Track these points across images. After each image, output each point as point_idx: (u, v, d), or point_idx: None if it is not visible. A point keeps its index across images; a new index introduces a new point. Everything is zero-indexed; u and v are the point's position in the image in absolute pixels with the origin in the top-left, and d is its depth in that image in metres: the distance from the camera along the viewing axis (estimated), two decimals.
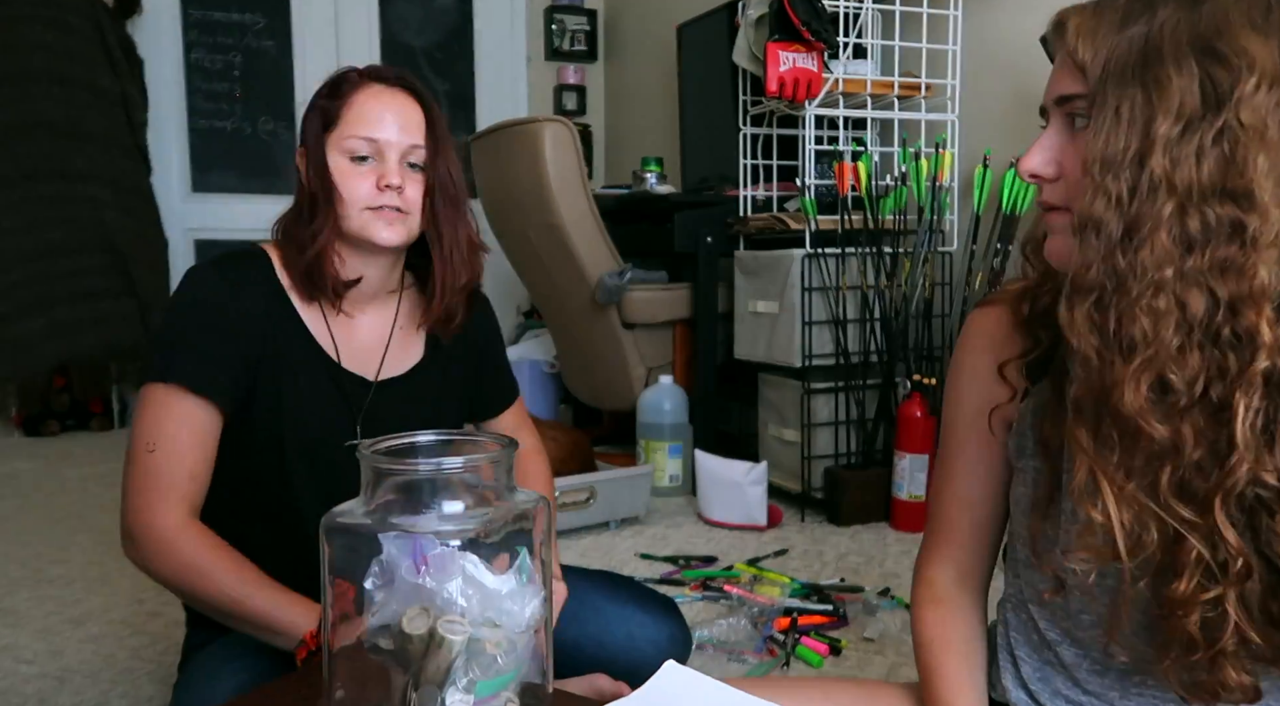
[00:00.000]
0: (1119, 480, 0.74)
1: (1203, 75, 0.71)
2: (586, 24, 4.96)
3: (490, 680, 0.70)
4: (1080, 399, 0.75)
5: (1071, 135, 0.79)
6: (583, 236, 2.95)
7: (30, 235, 3.56)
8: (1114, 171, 0.73)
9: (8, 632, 1.95)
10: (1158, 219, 0.71)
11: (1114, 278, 0.73)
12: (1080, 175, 0.77)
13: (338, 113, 1.23)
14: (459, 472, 0.68)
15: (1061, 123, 0.80)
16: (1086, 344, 0.74)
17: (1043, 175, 0.80)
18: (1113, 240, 0.73)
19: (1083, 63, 0.76)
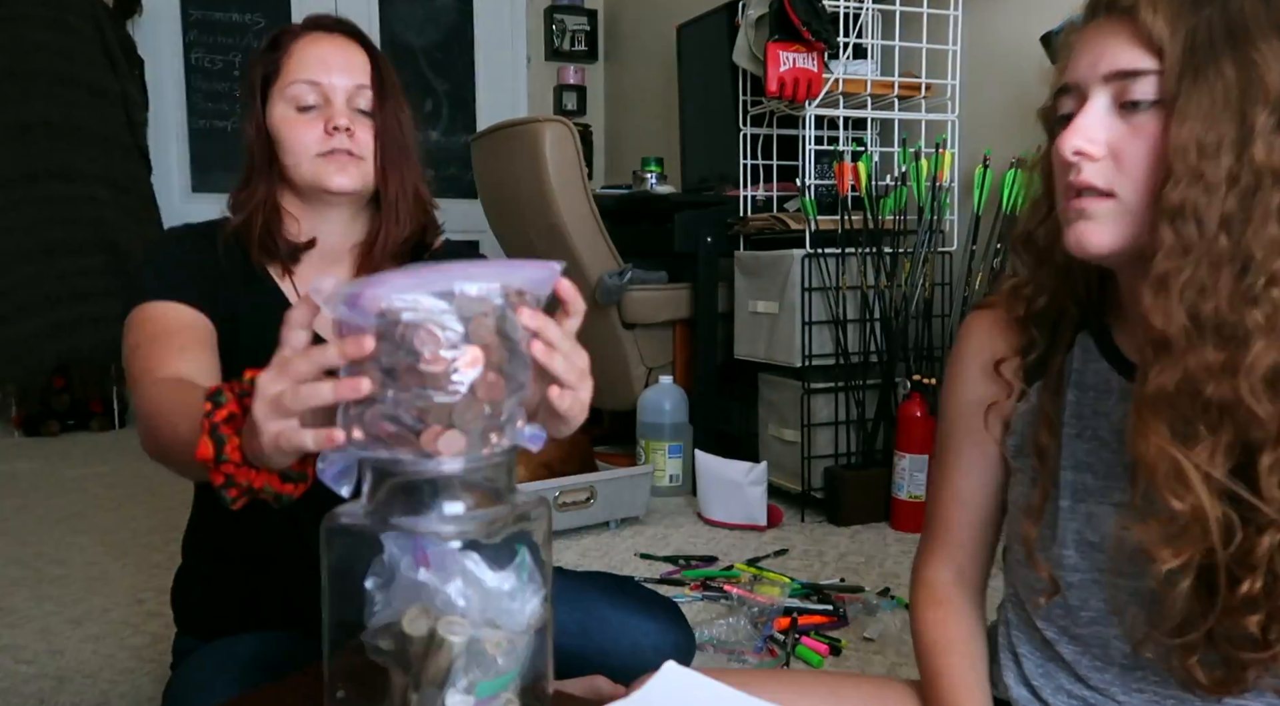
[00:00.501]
0: (1206, 468, 0.72)
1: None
2: (586, 24, 4.97)
3: (491, 681, 0.69)
4: (1163, 386, 0.73)
5: (1124, 114, 0.76)
6: (583, 236, 2.95)
7: (30, 235, 3.57)
8: (1211, 157, 0.71)
9: (8, 632, 1.95)
10: (1265, 208, 0.71)
11: (1214, 266, 0.71)
12: (1146, 157, 0.75)
13: (279, 64, 1.19)
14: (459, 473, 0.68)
15: (1109, 100, 0.77)
16: (1178, 330, 0.72)
17: (1093, 155, 0.77)
18: (1211, 228, 0.71)
19: (1159, 37, 0.73)
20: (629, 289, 2.97)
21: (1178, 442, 0.73)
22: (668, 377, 3.01)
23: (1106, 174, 0.77)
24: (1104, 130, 0.77)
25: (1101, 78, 0.77)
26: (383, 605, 0.69)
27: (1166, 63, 0.73)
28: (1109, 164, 0.77)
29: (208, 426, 0.76)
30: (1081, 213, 0.79)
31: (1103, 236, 0.78)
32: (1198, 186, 0.71)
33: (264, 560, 1.25)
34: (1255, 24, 0.72)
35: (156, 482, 2.92)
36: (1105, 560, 0.86)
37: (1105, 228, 0.78)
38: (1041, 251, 0.89)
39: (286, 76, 1.18)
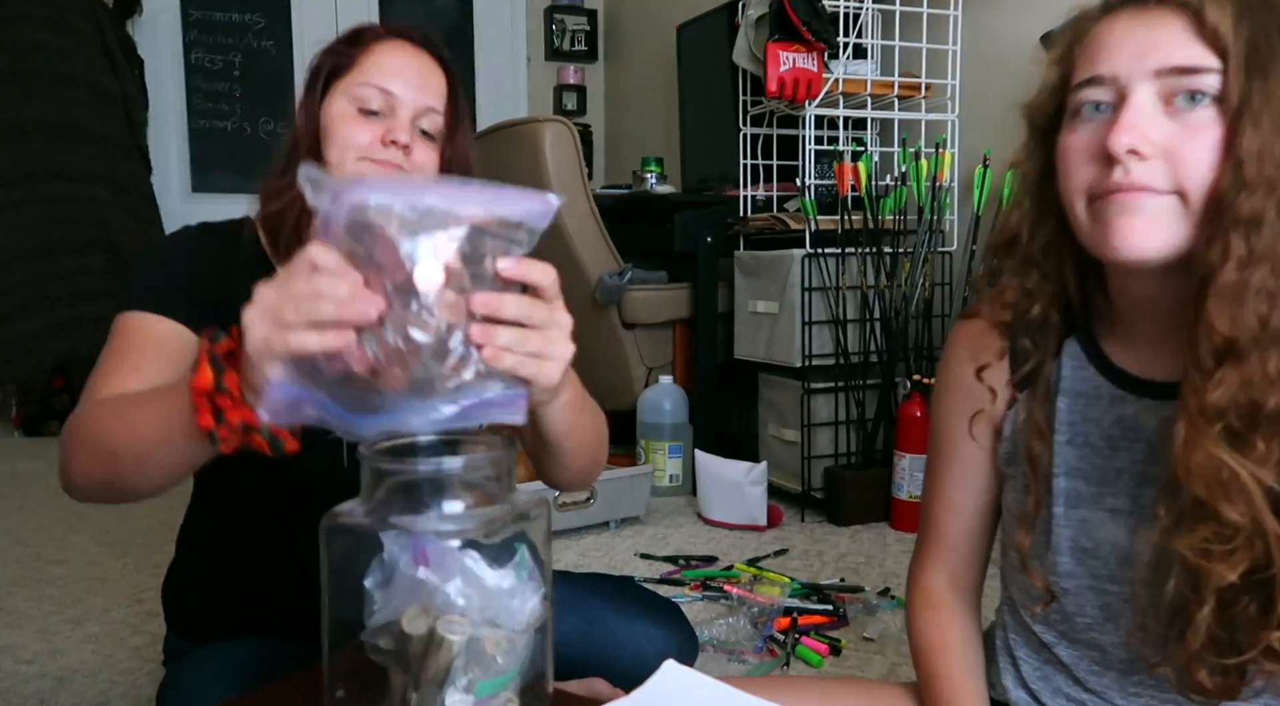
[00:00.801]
0: (1267, 480, 0.71)
1: None
2: (586, 24, 4.97)
3: (490, 679, 0.69)
4: (1220, 395, 0.71)
5: (1172, 112, 0.73)
6: (583, 236, 2.95)
7: (30, 235, 3.57)
8: (1277, 164, 0.69)
9: (8, 632, 1.95)
10: None
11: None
12: (1208, 157, 0.71)
13: (353, 60, 1.11)
14: (459, 472, 0.68)
15: (1157, 95, 0.73)
16: (1246, 339, 0.70)
17: (1146, 155, 0.72)
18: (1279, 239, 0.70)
19: (1224, 34, 0.70)
20: (629, 289, 2.97)
21: (1235, 452, 0.71)
22: (668, 377, 3.01)
23: (1163, 176, 0.73)
24: (1156, 128, 0.73)
25: (1151, 72, 0.72)
26: (382, 604, 0.69)
27: (1231, 62, 0.70)
28: (1161, 165, 0.73)
29: (207, 356, 0.72)
30: (1132, 208, 0.73)
31: (1157, 235, 0.74)
32: (1272, 197, 0.70)
33: (260, 560, 1.24)
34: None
35: None
36: (1100, 566, 0.86)
37: (1161, 226, 0.73)
38: (1028, 255, 0.85)
39: (358, 75, 1.10)
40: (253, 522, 1.23)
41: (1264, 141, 0.69)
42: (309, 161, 0.65)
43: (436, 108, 1.11)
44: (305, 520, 1.04)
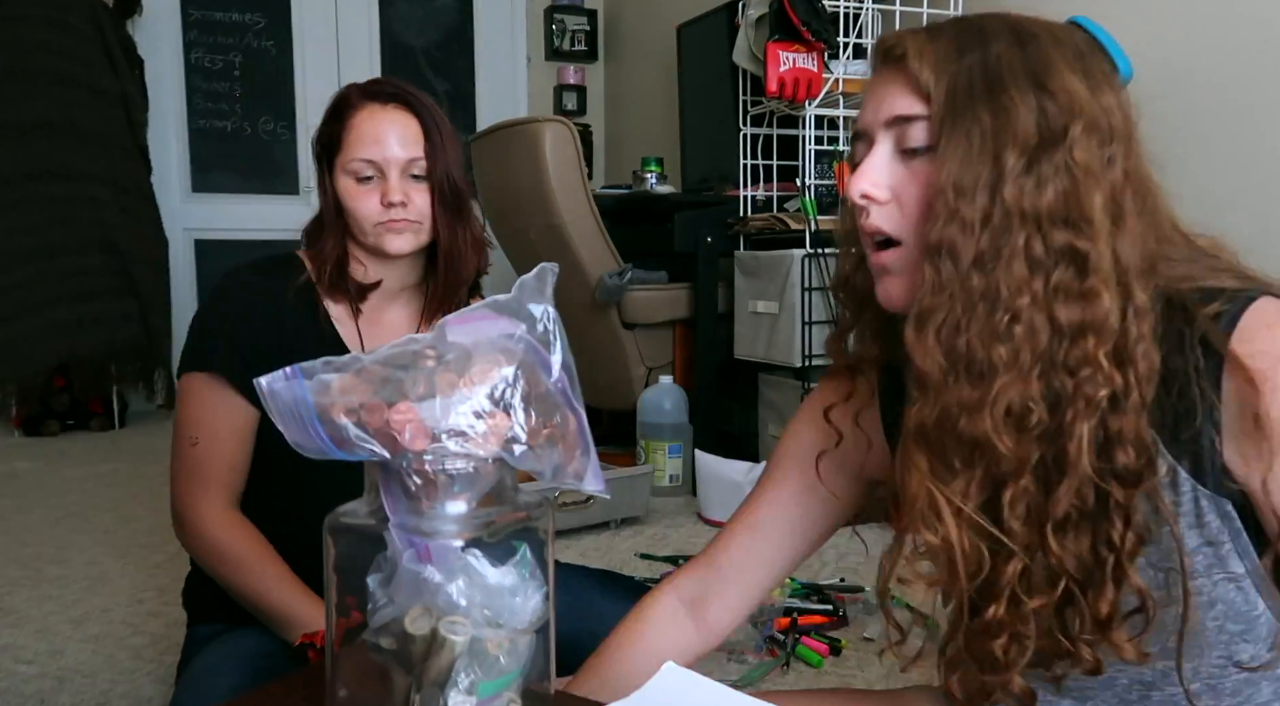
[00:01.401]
0: (957, 503, 0.75)
1: (1039, 108, 0.73)
2: (586, 24, 4.97)
3: (493, 680, 0.70)
4: (923, 422, 0.75)
5: (903, 158, 0.78)
6: (583, 236, 2.95)
7: (30, 235, 3.56)
8: (968, 197, 0.73)
9: (8, 632, 1.95)
10: (1013, 247, 0.72)
11: (968, 303, 0.73)
12: (920, 200, 0.76)
13: (340, 136, 1.28)
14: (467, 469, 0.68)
15: (892, 145, 0.79)
16: (934, 367, 0.74)
17: (878, 198, 0.78)
18: (965, 265, 0.73)
19: (926, 85, 0.75)
20: (629, 289, 2.97)
21: (935, 478, 0.75)
22: (668, 377, 3.01)
23: (893, 219, 0.78)
24: (887, 174, 0.78)
25: (883, 123, 0.79)
26: (385, 603, 0.69)
27: (933, 108, 0.75)
28: (894, 209, 0.78)
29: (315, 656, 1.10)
30: (883, 268, 0.80)
31: (899, 289, 0.79)
32: (954, 225, 0.73)
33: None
34: (1010, 73, 0.74)
35: (157, 483, 2.92)
36: None
37: (902, 279, 0.79)
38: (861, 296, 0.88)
39: (347, 152, 1.27)
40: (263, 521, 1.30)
41: (954, 174, 0.73)
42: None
43: (417, 155, 1.28)
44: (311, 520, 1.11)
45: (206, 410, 1.27)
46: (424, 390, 0.67)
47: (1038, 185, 0.72)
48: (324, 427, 0.67)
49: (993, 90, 0.74)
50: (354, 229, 1.30)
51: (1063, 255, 0.72)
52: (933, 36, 0.77)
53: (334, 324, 1.33)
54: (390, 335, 1.34)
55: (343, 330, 1.33)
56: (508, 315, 0.71)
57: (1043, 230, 0.72)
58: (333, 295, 1.33)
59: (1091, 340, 0.71)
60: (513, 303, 0.71)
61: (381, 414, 0.67)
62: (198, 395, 1.28)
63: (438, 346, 0.69)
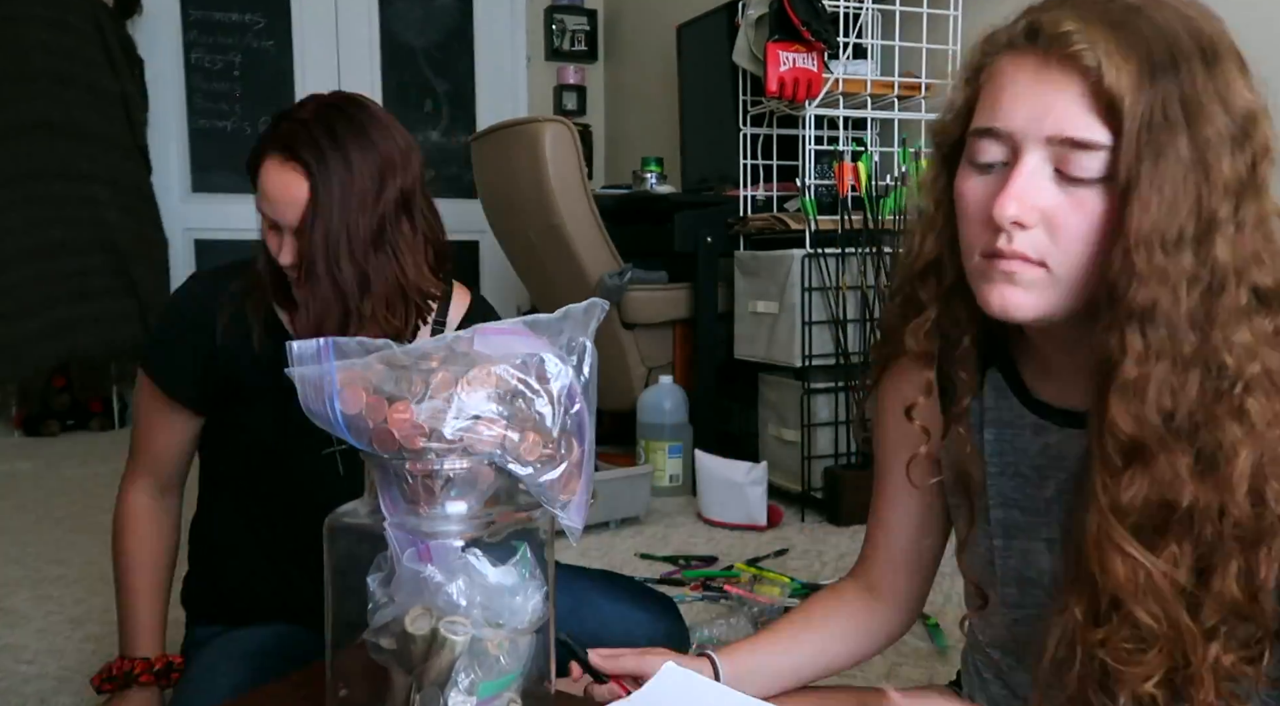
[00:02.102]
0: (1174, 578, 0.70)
1: (1233, 142, 0.66)
2: (586, 24, 4.96)
3: (493, 680, 0.70)
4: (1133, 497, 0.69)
5: (1062, 182, 0.69)
6: (583, 236, 2.95)
7: (30, 235, 3.56)
8: (1173, 255, 0.66)
9: (8, 632, 1.95)
10: (1231, 310, 0.67)
11: (1185, 368, 0.67)
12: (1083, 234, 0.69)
13: (255, 180, 1.22)
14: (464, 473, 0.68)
15: (1050, 164, 0.69)
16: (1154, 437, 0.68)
17: (1029, 225, 0.70)
18: (1180, 329, 0.67)
19: (1119, 106, 0.66)
20: (629, 289, 2.97)
21: (1146, 551, 0.70)
22: (668, 377, 3.01)
23: (1040, 245, 0.70)
24: (1041, 196, 0.69)
25: (1044, 138, 0.69)
26: (385, 603, 0.69)
27: (1125, 139, 0.66)
28: (1042, 233, 0.70)
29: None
30: (1009, 277, 0.72)
31: (1030, 303, 0.72)
32: (1165, 286, 0.66)
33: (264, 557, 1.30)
34: (1206, 96, 0.66)
35: None
36: (1043, 595, 0.85)
37: (1034, 295, 0.72)
38: (953, 283, 0.81)
39: (259, 196, 1.21)
40: (255, 523, 1.32)
41: (1154, 225, 0.66)
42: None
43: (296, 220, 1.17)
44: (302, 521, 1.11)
45: (143, 400, 1.32)
46: (419, 390, 0.67)
47: (1238, 231, 0.66)
48: (340, 406, 0.67)
49: (1191, 118, 0.66)
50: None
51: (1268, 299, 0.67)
52: (1119, 37, 0.67)
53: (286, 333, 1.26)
54: None
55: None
56: (545, 337, 0.70)
57: (1247, 277, 0.67)
58: (284, 305, 1.27)
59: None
60: (552, 325, 0.70)
61: (382, 410, 0.67)
62: (140, 387, 1.32)
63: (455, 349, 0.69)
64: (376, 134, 1.19)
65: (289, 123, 1.19)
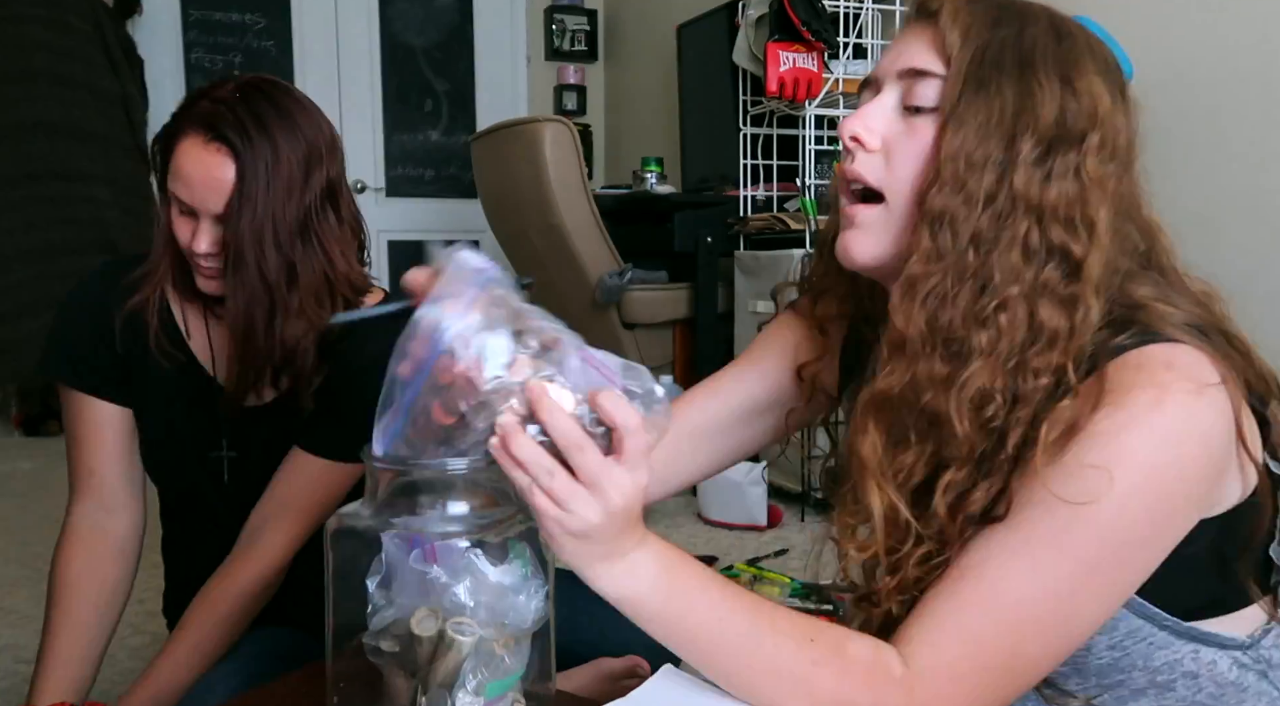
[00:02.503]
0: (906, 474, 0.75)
1: (1062, 104, 0.72)
2: (586, 24, 4.97)
3: (499, 680, 0.70)
4: (889, 388, 0.74)
5: (905, 113, 0.77)
6: (583, 236, 2.95)
7: (30, 235, 3.56)
8: (976, 172, 0.72)
9: (8, 632, 1.95)
10: (1014, 234, 0.71)
11: (958, 278, 0.72)
12: (913, 158, 0.75)
13: (168, 159, 1.14)
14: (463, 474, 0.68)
15: (898, 97, 0.77)
16: (916, 334, 0.73)
17: (867, 143, 0.77)
18: (963, 241, 0.72)
19: (951, 46, 0.74)
20: (629, 289, 2.97)
21: (889, 446, 0.75)
22: (668, 377, 3.00)
23: (876, 170, 0.77)
24: (884, 123, 0.77)
25: (896, 73, 0.77)
26: (384, 606, 0.69)
27: (951, 70, 0.74)
28: (880, 159, 0.77)
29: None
30: (851, 220, 0.79)
31: (867, 245, 0.78)
32: (959, 197, 0.72)
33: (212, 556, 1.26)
34: (1042, 58, 0.73)
35: None
36: None
37: (871, 237, 0.78)
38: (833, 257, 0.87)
39: (170, 179, 1.13)
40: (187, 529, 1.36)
41: (964, 144, 0.72)
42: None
43: (219, 207, 1.10)
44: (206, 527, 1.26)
45: (67, 410, 1.24)
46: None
47: (1046, 178, 0.72)
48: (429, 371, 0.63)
49: (1022, 70, 0.73)
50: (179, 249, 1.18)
51: (1056, 253, 0.72)
52: (971, 2, 0.76)
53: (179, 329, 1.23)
54: None
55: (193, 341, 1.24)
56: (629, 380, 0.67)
57: (1043, 224, 0.72)
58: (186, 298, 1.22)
59: (1060, 348, 0.71)
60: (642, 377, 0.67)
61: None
62: (63, 398, 1.25)
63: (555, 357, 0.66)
64: (302, 120, 1.12)
65: (209, 102, 1.11)
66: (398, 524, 0.69)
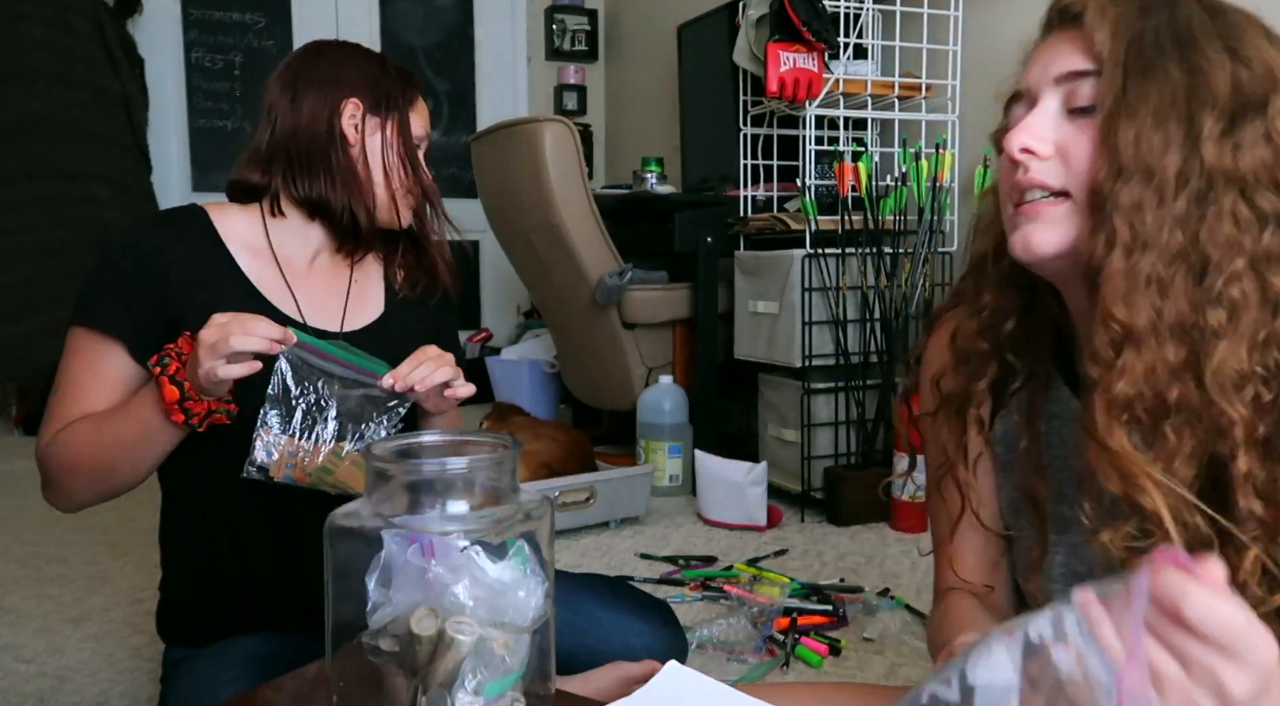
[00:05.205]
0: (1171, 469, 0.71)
1: (1234, 74, 0.71)
2: (586, 24, 4.97)
3: (498, 680, 0.70)
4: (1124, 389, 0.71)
5: (1070, 117, 0.77)
6: (583, 236, 2.95)
7: (30, 235, 3.56)
8: (1160, 155, 0.71)
9: (7, 632, 1.95)
10: (1220, 207, 0.70)
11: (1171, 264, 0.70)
12: (1099, 157, 0.73)
13: (411, 103, 1.30)
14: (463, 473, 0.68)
15: (1059, 103, 0.77)
16: (1144, 323, 0.70)
17: (1040, 153, 0.76)
18: (1165, 225, 0.70)
19: (1101, 44, 0.74)
20: (629, 289, 2.97)
21: (1143, 446, 0.71)
22: (668, 377, 3.01)
23: (1056, 173, 0.76)
24: (1052, 130, 0.77)
25: (1052, 80, 0.77)
26: (383, 604, 0.69)
27: (1107, 65, 0.74)
28: (1057, 163, 0.76)
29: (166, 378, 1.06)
30: (1031, 217, 0.77)
31: (1049, 237, 0.77)
32: (1150, 185, 0.71)
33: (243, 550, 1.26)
34: (1203, 34, 0.73)
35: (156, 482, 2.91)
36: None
37: (1055, 230, 0.76)
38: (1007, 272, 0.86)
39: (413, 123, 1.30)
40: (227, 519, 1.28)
41: (1139, 132, 0.71)
42: None
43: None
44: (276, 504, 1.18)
45: (75, 358, 1.20)
46: None
47: (1236, 149, 0.70)
48: None
49: (1184, 49, 0.72)
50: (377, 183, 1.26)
51: (1267, 220, 0.70)
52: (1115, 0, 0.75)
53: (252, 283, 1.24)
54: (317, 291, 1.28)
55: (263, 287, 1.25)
56: None
57: (1247, 194, 0.70)
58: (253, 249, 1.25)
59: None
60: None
61: None
62: (71, 347, 1.21)
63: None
64: None
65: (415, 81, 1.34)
66: (397, 522, 0.69)
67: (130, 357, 1.18)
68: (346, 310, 1.30)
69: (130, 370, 1.19)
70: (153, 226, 1.26)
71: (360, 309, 1.31)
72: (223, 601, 1.27)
